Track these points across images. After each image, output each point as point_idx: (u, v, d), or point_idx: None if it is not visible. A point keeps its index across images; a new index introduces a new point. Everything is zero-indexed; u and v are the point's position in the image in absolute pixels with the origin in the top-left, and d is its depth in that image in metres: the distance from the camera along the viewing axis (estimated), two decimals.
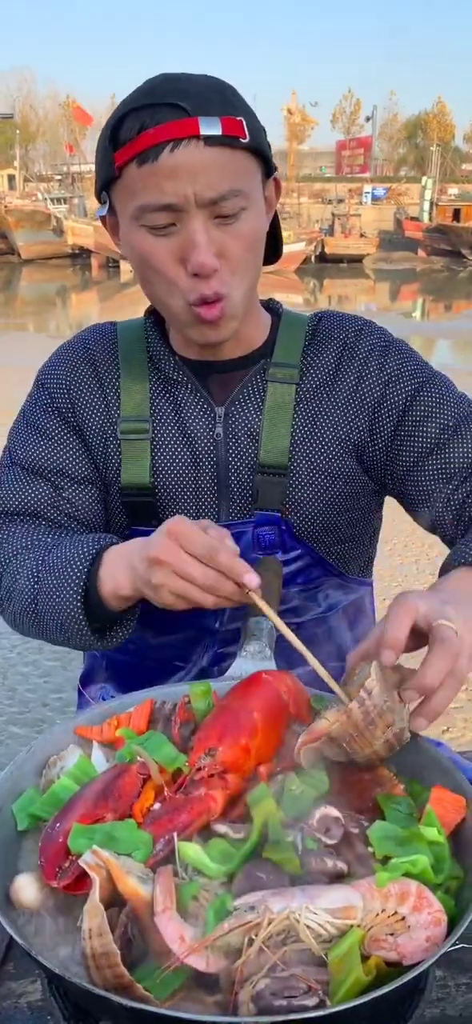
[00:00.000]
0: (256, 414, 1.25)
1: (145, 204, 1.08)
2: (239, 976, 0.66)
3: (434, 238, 38.49)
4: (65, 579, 1.12)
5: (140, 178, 1.07)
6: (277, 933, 0.68)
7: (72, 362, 1.32)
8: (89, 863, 0.72)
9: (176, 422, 1.26)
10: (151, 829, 0.77)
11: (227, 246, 1.11)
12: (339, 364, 1.27)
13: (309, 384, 1.26)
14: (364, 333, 1.29)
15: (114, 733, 0.95)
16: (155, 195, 1.07)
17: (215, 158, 1.06)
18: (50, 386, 1.32)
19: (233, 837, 0.78)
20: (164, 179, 1.06)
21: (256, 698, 0.91)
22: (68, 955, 0.71)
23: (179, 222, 1.08)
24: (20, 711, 3.42)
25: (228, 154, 1.07)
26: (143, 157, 1.06)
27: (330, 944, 0.68)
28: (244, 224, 1.11)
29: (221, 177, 1.07)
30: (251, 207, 1.12)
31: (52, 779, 0.90)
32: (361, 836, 0.80)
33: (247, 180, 1.11)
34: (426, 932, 0.71)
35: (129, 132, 1.07)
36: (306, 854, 0.76)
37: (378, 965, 0.69)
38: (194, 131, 1.04)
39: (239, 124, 1.08)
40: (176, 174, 1.05)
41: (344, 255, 36.10)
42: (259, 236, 1.17)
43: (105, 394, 1.29)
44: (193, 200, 1.06)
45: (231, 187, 1.08)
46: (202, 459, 1.26)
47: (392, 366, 1.26)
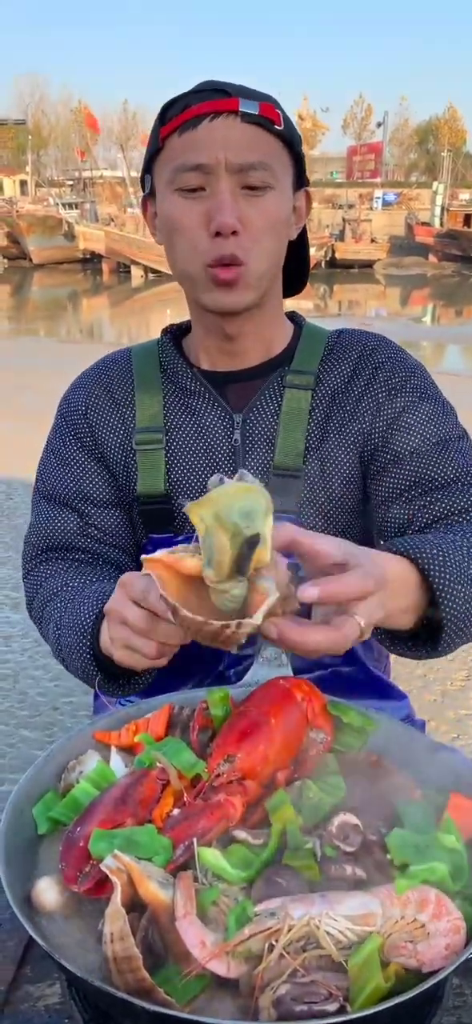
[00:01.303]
0: (273, 420, 1.28)
1: (180, 164, 1.17)
2: (260, 981, 0.67)
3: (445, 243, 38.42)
4: (78, 641, 1.16)
5: (180, 144, 1.17)
6: (297, 939, 0.68)
7: (88, 387, 1.37)
8: (111, 868, 0.72)
9: (193, 430, 1.29)
10: (171, 834, 0.77)
11: (250, 216, 1.17)
12: (354, 371, 1.29)
13: (324, 390, 1.29)
14: (382, 346, 1.32)
15: (132, 738, 0.95)
16: (191, 156, 1.15)
17: (249, 133, 1.15)
18: (68, 414, 1.36)
19: (252, 843, 0.78)
20: (200, 143, 1.15)
21: (273, 705, 0.92)
22: (89, 958, 0.72)
23: (209, 186, 1.16)
24: (31, 715, 3.43)
25: (262, 134, 1.16)
26: (185, 127, 1.16)
27: (350, 951, 0.69)
28: (269, 202, 1.18)
29: (252, 149, 1.15)
30: (277, 189, 1.19)
31: (71, 783, 0.91)
32: (379, 843, 0.80)
33: (277, 163, 1.18)
34: (445, 939, 0.71)
35: (175, 111, 1.18)
36: (325, 861, 0.76)
37: (397, 972, 0.69)
38: (233, 107, 1.14)
39: (276, 112, 1.18)
40: (212, 141, 1.14)
41: (355, 260, 36.07)
42: (282, 220, 1.22)
43: (120, 411, 1.33)
44: (223, 164, 1.14)
45: (259, 159, 1.16)
46: (220, 465, 1.28)
47: (399, 377, 1.28)
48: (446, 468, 1.21)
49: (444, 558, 1.00)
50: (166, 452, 1.30)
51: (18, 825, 0.84)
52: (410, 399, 1.26)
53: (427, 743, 0.98)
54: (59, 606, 1.23)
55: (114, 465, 1.33)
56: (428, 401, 1.26)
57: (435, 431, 1.24)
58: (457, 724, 3.37)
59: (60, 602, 1.24)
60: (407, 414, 1.25)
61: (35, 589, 1.33)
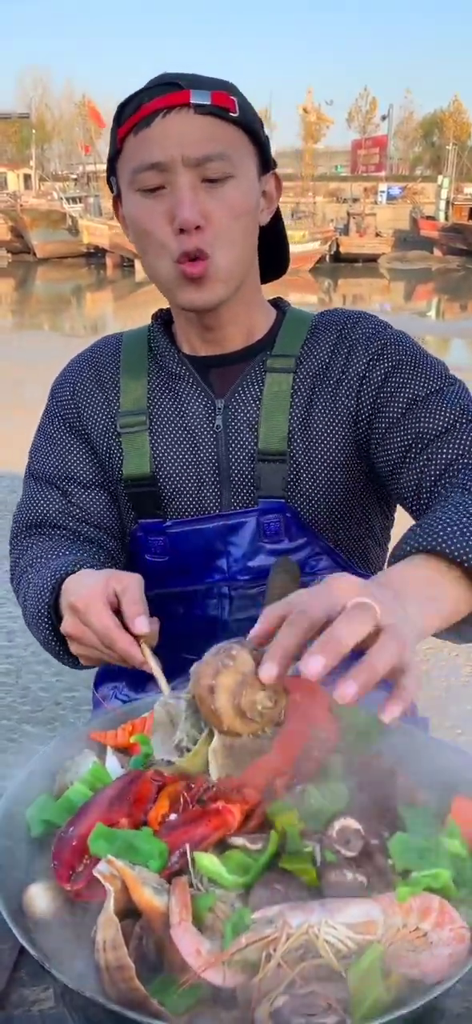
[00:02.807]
0: (255, 404, 1.28)
1: (137, 165, 1.16)
2: (257, 992, 0.65)
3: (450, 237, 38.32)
4: (40, 606, 1.19)
5: (136, 144, 1.16)
6: (296, 948, 0.66)
7: (77, 371, 1.40)
8: (104, 873, 0.70)
9: (176, 414, 1.31)
10: (167, 840, 0.75)
11: (212, 209, 1.16)
12: (334, 351, 1.29)
13: (305, 372, 1.29)
14: (360, 322, 1.32)
15: (128, 738, 0.93)
16: (147, 155, 1.15)
17: (203, 125, 1.14)
18: (58, 396, 1.40)
19: (250, 848, 0.76)
20: (155, 142, 1.14)
21: None
22: (81, 967, 0.70)
23: (168, 184, 1.15)
24: (33, 709, 3.42)
25: (217, 123, 1.15)
26: (139, 126, 1.15)
27: (350, 960, 0.67)
28: (230, 191, 1.17)
29: (207, 140, 1.14)
30: (239, 177, 1.17)
31: (66, 784, 0.89)
32: (381, 848, 0.78)
33: (235, 151, 1.17)
34: (448, 949, 0.69)
35: (130, 111, 1.17)
36: (325, 866, 0.74)
37: (399, 982, 0.67)
38: (184, 99, 1.13)
39: (230, 100, 1.16)
40: (166, 137, 1.13)
41: (359, 254, 36.02)
42: (247, 208, 1.20)
43: (106, 394, 1.35)
44: (179, 159, 1.13)
45: (216, 150, 1.14)
46: (202, 450, 1.29)
47: (377, 346, 1.27)
48: (442, 415, 1.18)
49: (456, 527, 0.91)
50: (150, 434, 1.31)
51: (11, 828, 0.83)
52: (391, 362, 1.25)
53: (431, 743, 0.96)
54: (31, 576, 1.26)
55: (99, 447, 1.35)
56: (411, 359, 1.25)
57: (423, 385, 1.22)
58: (461, 720, 3.35)
59: (33, 571, 1.27)
60: (392, 377, 1.23)
61: (16, 561, 1.36)
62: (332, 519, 1.30)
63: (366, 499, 1.33)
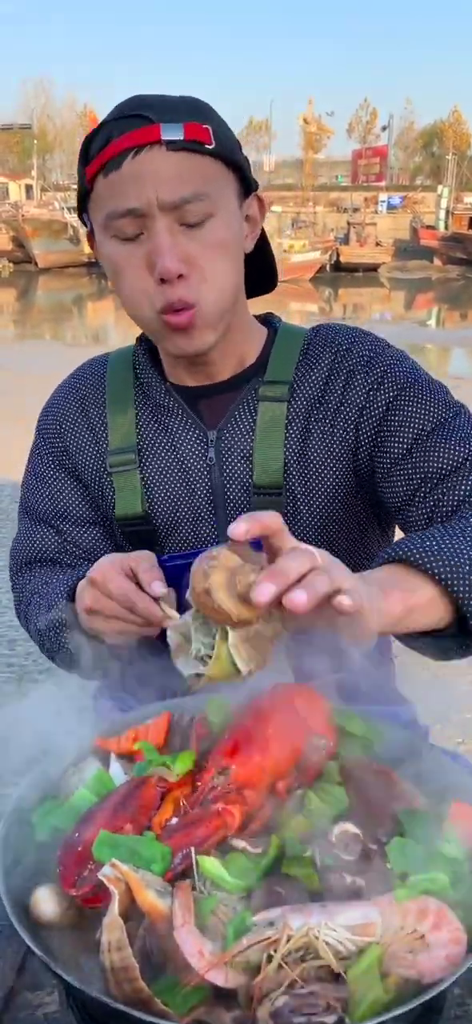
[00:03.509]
0: (248, 435, 1.23)
1: (111, 211, 1.09)
2: (258, 992, 0.66)
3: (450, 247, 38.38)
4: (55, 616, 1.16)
5: (106, 187, 1.09)
6: (296, 949, 0.67)
7: (63, 404, 1.34)
8: (108, 876, 0.72)
9: (167, 447, 1.26)
10: (169, 842, 0.77)
11: (194, 253, 1.09)
12: (329, 377, 1.23)
13: (300, 400, 1.23)
14: (356, 343, 1.25)
15: (132, 745, 0.95)
16: (120, 202, 1.08)
17: (178, 163, 1.06)
18: (45, 431, 1.35)
19: (251, 852, 0.78)
20: (128, 185, 1.07)
21: (271, 713, 0.91)
22: (86, 968, 0.72)
23: (145, 229, 1.09)
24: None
25: (192, 159, 1.07)
26: (108, 167, 1.07)
27: (349, 961, 0.68)
28: (211, 232, 1.10)
29: (184, 181, 1.07)
30: (219, 215, 1.10)
31: (70, 790, 0.90)
32: (380, 852, 0.79)
33: (214, 186, 1.10)
34: (445, 950, 0.70)
35: (98, 146, 1.09)
36: (325, 870, 0.76)
37: (397, 983, 0.69)
38: (155, 136, 1.05)
39: (204, 130, 1.08)
40: (139, 179, 1.06)
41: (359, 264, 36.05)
42: (230, 246, 1.14)
43: (93, 430, 1.30)
44: (156, 204, 1.06)
45: (195, 191, 1.07)
46: (196, 483, 1.24)
47: (376, 374, 1.21)
48: (450, 452, 1.13)
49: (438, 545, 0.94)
50: (141, 471, 1.26)
51: (17, 832, 0.84)
52: (392, 392, 1.19)
53: (429, 750, 0.97)
54: (39, 597, 1.25)
55: (91, 485, 1.31)
56: (412, 389, 1.19)
57: (427, 419, 1.16)
58: (462, 728, 3.35)
59: (40, 596, 1.26)
60: (395, 409, 1.18)
61: (20, 594, 1.34)
62: (331, 548, 1.23)
63: (366, 525, 1.28)
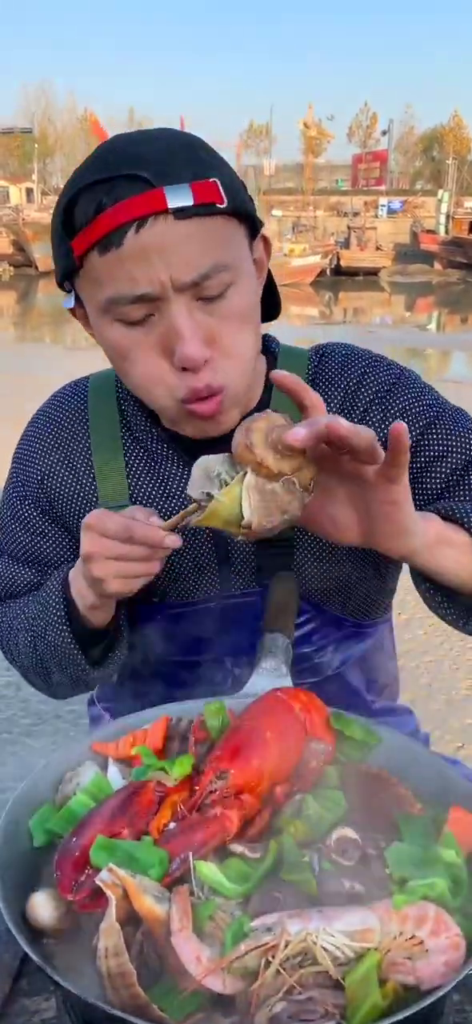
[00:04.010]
0: None
1: (115, 296, 0.95)
2: (256, 999, 0.66)
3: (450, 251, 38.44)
4: (50, 615, 1.11)
5: (105, 267, 0.93)
6: (294, 955, 0.67)
7: (43, 449, 1.22)
8: (105, 881, 0.71)
9: (164, 499, 1.16)
10: (166, 847, 0.77)
11: (217, 330, 0.97)
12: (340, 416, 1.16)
13: None
14: (367, 376, 1.16)
15: (130, 750, 0.95)
16: (126, 286, 0.93)
17: (190, 233, 0.92)
18: (24, 476, 1.23)
19: (250, 857, 0.77)
20: (133, 266, 0.92)
21: (269, 717, 0.91)
22: (83, 974, 0.71)
23: (157, 311, 0.95)
24: (33, 723, 3.42)
25: (205, 225, 0.93)
26: (105, 243, 0.92)
27: (347, 967, 0.68)
28: (233, 301, 0.98)
29: (200, 254, 0.93)
30: (240, 280, 0.98)
31: (68, 795, 0.90)
32: (378, 857, 0.79)
33: (232, 250, 0.97)
34: (444, 956, 0.70)
35: (85, 215, 0.93)
36: (323, 875, 0.75)
37: (395, 989, 0.68)
38: (160, 205, 0.90)
39: (213, 187, 0.93)
40: (146, 258, 0.91)
41: (360, 268, 36.13)
42: (252, 310, 1.03)
43: (80, 481, 1.19)
44: (170, 285, 0.93)
45: (213, 263, 0.94)
46: (197, 535, 1.16)
47: (395, 410, 1.13)
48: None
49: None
50: None
51: (14, 838, 0.84)
52: (415, 433, 1.12)
53: (428, 756, 0.97)
54: (26, 611, 1.19)
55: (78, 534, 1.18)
56: (437, 425, 1.13)
57: (459, 456, 1.12)
58: (462, 733, 3.36)
59: (26, 607, 1.20)
60: (420, 454, 1.12)
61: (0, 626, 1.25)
62: (340, 588, 1.19)
63: (375, 566, 1.21)
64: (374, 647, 1.29)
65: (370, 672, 1.30)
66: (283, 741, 0.88)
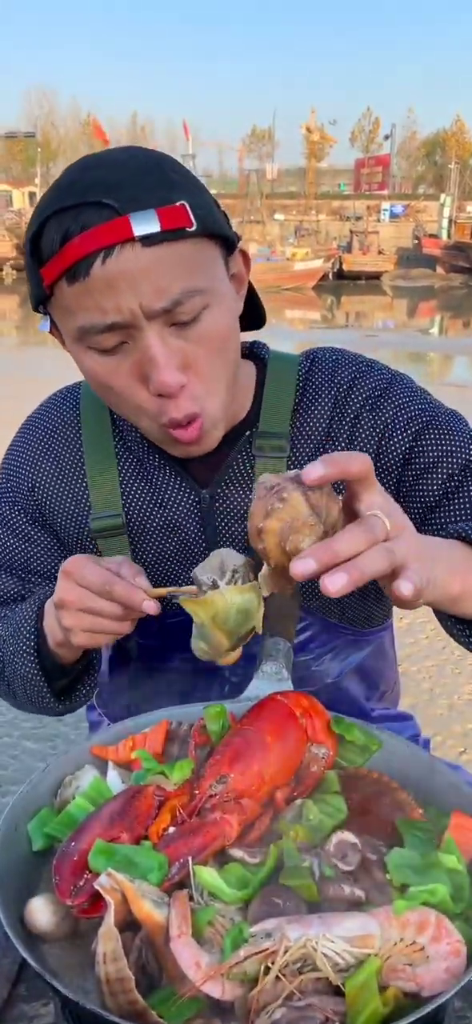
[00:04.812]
0: (244, 492, 1.13)
1: (86, 326, 0.94)
2: (255, 1005, 0.65)
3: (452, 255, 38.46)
4: (20, 643, 1.10)
5: (74, 297, 0.92)
6: (294, 961, 0.66)
7: (34, 457, 1.20)
8: (104, 886, 0.71)
9: (156, 507, 1.15)
10: (166, 852, 0.76)
11: (192, 355, 0.96)
12: (330, 425, 1.13)
13: (300, 453, 1.13)
14: (357, 382, 1.14)
15: (130, 754, 0.94)
16: (95, 316, 0.92)
17: (158, 259, 0.90)
18: (15, 482, 1.21)
19: (249, 862, 0.77)
20: (101, 296, 0.90)
21: (270, 721, 0.90)
22: (81, 979, 0.71)
23: (130, 339, 0.94)
24: (34, 726, 3.42)
25: (174, 250, 0.91)
26: (72, 273, 0.90)
27: (347, 973, 0.67)
28: (208, 324, 0.96)
29: (170, 280, 0.91)
30: (214, 302, 0.96)
31: (67, 799, 0.89)
32: (379, 863, 0.79)
33: (204, 272, 0.95)
34: (445, 963, 0.69)
35: (52, 244, 0.91)
36: (323, 881, 0.75)
37: (396, 996, 0.68)
38: (127, 234, 0.88)
39: (181, 211, 0.90)
40: (114, 287, 0.90)
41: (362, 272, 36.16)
42: (229, 331, 1.00)
43: (72, 491, 1.18)
44: (140, 313, 0.91)
45: (184, 287, 0.92)
46: (190, 546, 1.16)
47: (386, 416, 1.12)
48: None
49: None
50: (129, 535, 1.16)
51: (13, 842, 0.83)
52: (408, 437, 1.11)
53: (429, 760, 0.96)
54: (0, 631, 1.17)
55: (70, 545, 1.20)
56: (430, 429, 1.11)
57: (454, 460, 1.10)
58: (464, 738, 3.35)
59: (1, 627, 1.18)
60: (414, 460, 1.11)
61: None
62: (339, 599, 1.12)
63: None
64: (373, 654, 1.28)
65: (369, 679, 1.29)
66: (284, 745, 0.88)
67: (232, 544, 1.15)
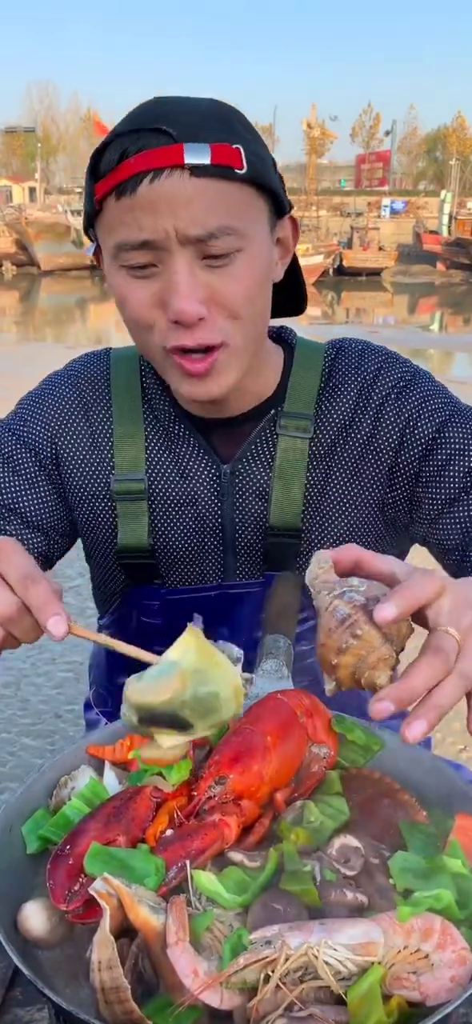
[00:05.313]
0: (265, 471, 1.15)
1: (122, 241, 0.97)
2: (255, 1014, 0.63)
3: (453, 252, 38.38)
4: None
5: (118, 212, 0.96)
6: (295, 969, 0.65)
7: (61, 407, 1.19)
8: (100, 891, 0.69)
9: (178, 478, 1.16)
10: (163, 855, 0.74)
11: (219, 291, 0.98)
12: (355, 412, 1.15)
13: (324, 436, 1.15)
14: (383, 371, 1.16)
15: (127, 754, 0.92)
16: (132, 231, 0.95)
17: (203, 190, 0.93)
18: (32, 426, 1.19)
19: (249, 866, 0.75)
20: (142, 213, 0.94)
21: (270, 720, 0.88)
22: (76, 987, 0.69)
23: (160, 263, 0.97)
24: (33, 722, 3.40)
25: (220, 186, 0.94)
26: (121, 189, 0.94)
27: (350, 982, 0.65)
28: (240, 268, 0.98)
29: (209, 212, 0.94)
30: (249, 248, 0.98)
31: (63, 800, 0.87)
32: (382, 867, 0.76)
33: (244, 217, 0.97)
34: (451, 971, 0.67)
35: (110, 162, 0.96)
36: (325, 886, 0.73)
37: (400, 1005, 0.66)
38: (178, 160, 0.92)
39: (235, 152, 0.94)
40: (156, 208, 0.93)
41: (362, 268, 36.08)
42: (258, 285, 1.01)
43: (97, 447, 1.18)
44: (174, 237, 0.94)
45: (221, 224, 0.94)
46: (206, 519, 1.16)
47: (410, 408, 1.13)
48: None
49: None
50: (149, 502, 1.16)
51: (6, 844, 0.81)
52: (431, 429, 1.12)
53: (432, 760, 0.95)
54: None
55: (80, 507, 1.19)
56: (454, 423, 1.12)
57: None
58: (464, 735, 3.33)
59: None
60: (437, 450, 1.12)
61: None
62: None
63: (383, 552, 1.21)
64: None
65: None
66: (284, 745, 0.86)
67: (243, 518, 1.15)
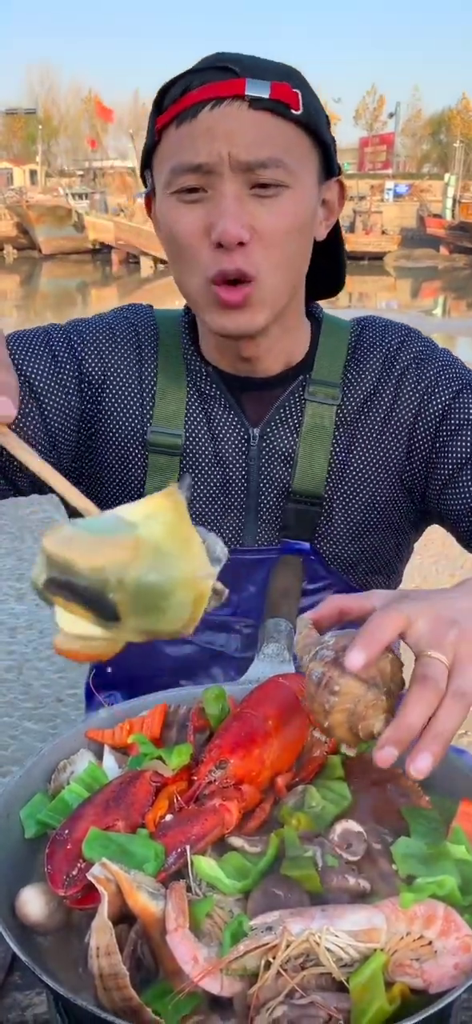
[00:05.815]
0: (292, 436, 1.17)
1: (177, 164, 1.01)
2: (255, 1001, 0.63)
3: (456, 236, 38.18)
4: None
5: (177, 139, 1.01)
6: (296, 956, 0.64)
7: (117, 342, 1.19)
8: (98, 876, 0.68)
9: (209, 440, 1.17)
10: (162, 841, 0.73)
11: (262, 221, 1.01)
12: (379, 381, 1.17)
13: (350, 403, 1.17)
14: (406, 343, 1.19)
15: (126, 738, 0.91)
16: (188, 155, 1.00)
17: (259, 121, 0.99)
18: (87, 342, 1.17)
19: (249, 851, 0.74)
20: (200, 139, 0.99)
21: (271, 704, 0.88)
22: (74, 973, 0.68)
23: (210, 187, 1.01)
24: (35, 706, 3.40)
25: (276, 122, 1.00)
26: (182, 116, 0.99)
27: (352, 969, 0.64)
28: (284, 203, 1.02)
29: (263, 142, 0.99)
30: (296, 187, 1.02)
31: (62, 784, 0.87)
32: (385, 852, 0.75)
33: (295, 156, 1.02)
34: (454, 958, 0.67)
35: (173, 96, 1.01)
36: (326, 871, 0.72)
37: (403, 992, 0.65)
38: (239, 90, 0.97)
39: (293, 94, 1.00)
40: (213, 133, 0.98)
41: (365, 252, 35.88)
42: (302, 223, 1.05)
43: (142, 392, 1.18)
44: (227, 161, 0.98)
45: (272, 155, 0.99)
46: (233, 482, 1.18)
47: (429, 376, 1.16)
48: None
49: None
50: (181, 460, 1.17)
51: (5, 828, 0.80)
52: (448, 396, 1.14)
53: None
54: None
55: (119, 440, 1.18)
56: (469, 390, 1.15)
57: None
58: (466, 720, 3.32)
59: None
60: (451, 416, 1.13)
61: None
62: (362, 556, 1.21)
63: (401, 526, 1.23)
64: None
65: None
66: (285, 729, 0.85)
67: (267, 482, 1.17)
